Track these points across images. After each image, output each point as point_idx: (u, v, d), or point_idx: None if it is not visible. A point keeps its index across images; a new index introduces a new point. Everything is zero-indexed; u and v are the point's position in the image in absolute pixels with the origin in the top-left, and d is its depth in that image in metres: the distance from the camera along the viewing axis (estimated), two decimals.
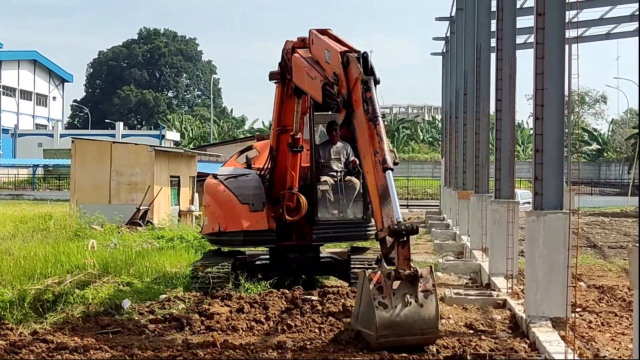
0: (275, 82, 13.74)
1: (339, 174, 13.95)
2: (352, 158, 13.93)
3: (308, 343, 9.72)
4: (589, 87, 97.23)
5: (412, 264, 9.17)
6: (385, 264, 9.25)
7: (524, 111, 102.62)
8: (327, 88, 10.74)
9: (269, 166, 14.23)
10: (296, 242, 14.13)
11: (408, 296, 9.01)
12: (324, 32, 11.89)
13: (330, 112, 15.40)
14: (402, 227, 9.11)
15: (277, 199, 13.98)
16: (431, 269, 9.37)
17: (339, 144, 14.28)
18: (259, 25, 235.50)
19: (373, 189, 9.71)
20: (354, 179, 13.91)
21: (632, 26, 34.74)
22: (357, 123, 10.14)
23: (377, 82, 10.16)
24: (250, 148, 15.68)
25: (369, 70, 10.19)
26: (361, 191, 13.68)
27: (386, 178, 9.49)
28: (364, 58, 10.28)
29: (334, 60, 10.71)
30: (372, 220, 13.60)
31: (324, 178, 14.01)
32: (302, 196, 13.67)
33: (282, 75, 13.39)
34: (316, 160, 13.93)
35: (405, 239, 9.12)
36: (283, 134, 13.92)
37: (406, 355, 8.94)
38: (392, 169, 9.53)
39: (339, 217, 13.79)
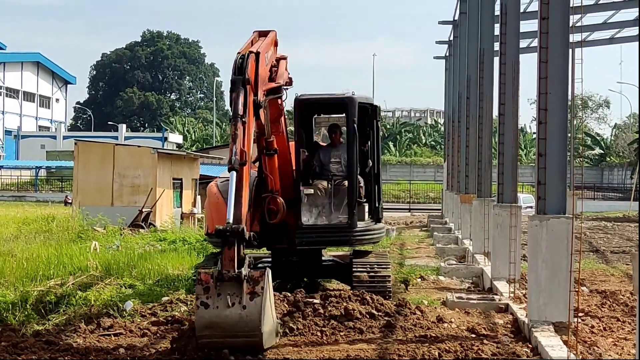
0: None
1: (335, 177, 13.93)
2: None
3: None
4: (592, 91, 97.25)
5: (242, 266, 8.93)
6: (219, 264, 9.06)
7: (526, 115, 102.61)
8: None
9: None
10: (288, 246, 13.96)
11: (231, 298, 8.75)
12: (265, 33, 12.09)
13: (332, 115, 15.48)
14: (228, 229, 9.05)
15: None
16: (265, 271, 9.03)
17: (341, 147, 14.30)
18: (262, 28, 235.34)
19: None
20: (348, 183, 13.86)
21: (636, 30, 34.67)
22: None
23: (245, 82, 10.26)
24: None
25: (242, 71, 10.33)
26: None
27: (230, 178, 9.63)
28: (242, 59, 10.45)
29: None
30: (359, 225, 13.56)
31: (318, 181, 13.98)
32: (281, 199, 13.60)
33: None
34: (317, 163, 13.93)
35: (230, 240, 9.00)
36: (261, 136, 13.93)
37: None
38: (235, 170, 9.58)
39: (323, 222, 13.71)
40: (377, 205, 14.26)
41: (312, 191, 13.64)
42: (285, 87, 13.01)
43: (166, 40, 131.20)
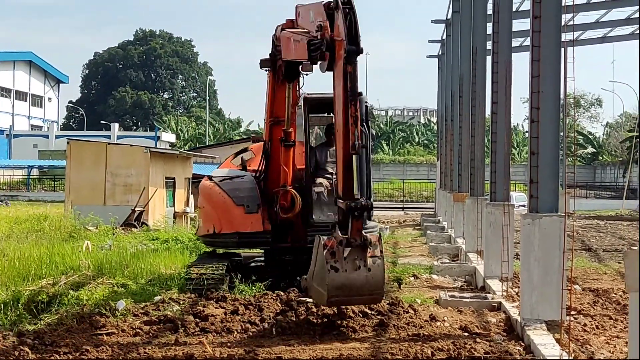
0: (266, 70, 13.81)
1: (334, 176, 13.93)
2: None
3: None
4: (584, 90, 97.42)
5: (363, 234, 9.86)
6: (339, 232, 9.92)
7: (519, 114, 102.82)
8: (311, 42, 10.62)
9: (263, 163, 14.20)
10: (292, 244, 14.05)
11: (357, 261, 9.80)
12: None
13: (327, 115, 15.42)
14: (359, 204, 9.78)
15: (272, 199, 13.92)
16: (380, 236, 10.21)
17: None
18: (256, 27, 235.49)
19: (340, 159, 10.19)
20: None
21: (628, 29, 34.84)
22: (336, 77, 10.17)
23: (359, 52, 9.89)
24: (245, 150, 15.65)
25: (354, 39, 9.86)
26: None
27: (351, 159, 9.98)
28: (349, 17, 9.89)
29: (318, 14, 10.77)
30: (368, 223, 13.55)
31: (319, 180, 13.99)
32: (297, 193, 13.66)
33: (273, 62, 13.50)
34: (312, 162, 13.92)
35: (359, 214, 9.78)
36: (276, 125, 13.90)
37: None
38: (357, 154, 9.98)
39: (333, 219, 13.71)
40: None
41: (322, 189, 13.67)
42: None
43: (159, 39, 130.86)
